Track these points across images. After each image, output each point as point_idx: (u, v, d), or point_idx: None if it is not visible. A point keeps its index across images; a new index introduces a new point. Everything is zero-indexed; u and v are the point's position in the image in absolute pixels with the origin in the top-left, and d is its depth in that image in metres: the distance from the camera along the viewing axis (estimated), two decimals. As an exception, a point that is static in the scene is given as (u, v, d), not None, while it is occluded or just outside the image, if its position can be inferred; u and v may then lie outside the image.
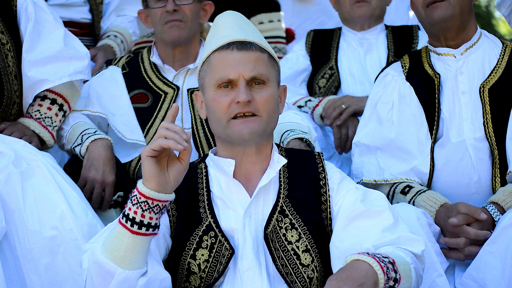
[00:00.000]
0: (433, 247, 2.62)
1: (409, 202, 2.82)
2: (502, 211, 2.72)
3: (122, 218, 2.14)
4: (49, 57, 3.01)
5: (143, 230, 2.13)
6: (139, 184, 2.13)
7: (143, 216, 2.12)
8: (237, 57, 2.34)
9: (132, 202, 2.13)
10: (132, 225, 2.12)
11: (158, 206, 2.13)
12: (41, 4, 3.06)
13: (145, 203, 2.12)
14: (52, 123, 3.03)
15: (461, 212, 2.70)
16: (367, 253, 2.17)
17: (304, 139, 2.86)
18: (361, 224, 2.32)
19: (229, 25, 2.42)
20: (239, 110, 2.31)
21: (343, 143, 3.50)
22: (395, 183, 2.91)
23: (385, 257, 2.15)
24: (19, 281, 2.60)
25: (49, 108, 3.04)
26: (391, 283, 2.12)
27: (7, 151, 2.69)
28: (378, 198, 2.40)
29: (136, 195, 2.13)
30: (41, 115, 3.02)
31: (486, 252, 2.60)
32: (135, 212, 2.12)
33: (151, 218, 2.13)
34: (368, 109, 3.05)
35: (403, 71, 3.01)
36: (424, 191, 2.81)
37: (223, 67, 2.34)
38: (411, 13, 4.66)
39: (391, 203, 2.89)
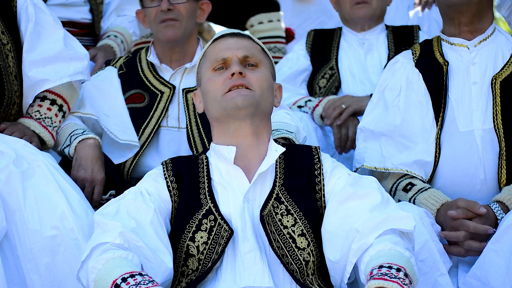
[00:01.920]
0: (436, 246, 2.62)
1: (409, 200, 2.82)
2: (506, 210, 2.71)
3: None
4: (49, 57, 3.01)
5: None
6: None
7: None
8: (231, 41, 2.51)
9: None
10: None
11: None
12: (41, 6, 3.06)
13: None
14: (52, 123, 3.03)
15: (460, 207, 2.70)
16: (385, 273, 2.09)
17: (288, 139, 2.86)
18: (349, 205, 2.35)
19: (225, 30, 2.58)
20: (232, 83, 2.42)
21: (343, 143, 3.50)
22: (399, 178, 2.91)
23: (399, 270, 2.11)
24: (19, 280, 2.59)
25: (49, 109, 3.04)
26: None
27: (8, 151, 2.69)
28: (369, 181, 2.43)
29: None
30: (41, 115, 3.02)
31: (490, 251, 2.59)
32: None
33: None
34: (376, 95, 3.05)
35: (413, 58, 3.01)
36: (426, 189, 2.81)
37: (217, 51, 2.50)
38: (411, 13, 4.68)
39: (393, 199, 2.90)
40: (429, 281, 2.57)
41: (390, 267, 2.11)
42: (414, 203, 2.80)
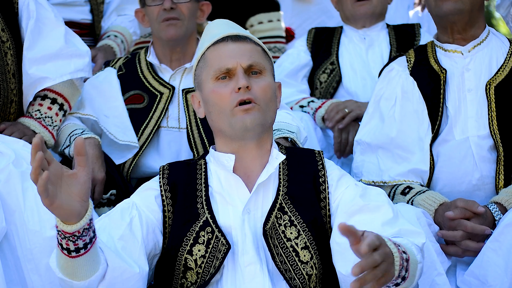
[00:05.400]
0: (433, 247, 2.62)
1: (407, 202, 2.81)
2: (504, 211, 2.71)
3: (59, 245, 2.11)
4: (50, 54, 3.01)
5: (81, 251, 2.11)
6: (59, 223, 2.06)
7: (76, 244, 2.09)
8: (233, 47, 2.39)
9: (60, 236, 2.09)
10: (69, 253, 2.10)
11: (86, 229, 2.09)
12: (42, 2, 3.06)
13: (73, 236, 2.08)
14: (52, 122, 3.03)
15: (459, 206, 2.70)
16: (394, 243, 2.12)
17: (289, 139, 2.86)
18: (360, 218, 2.31)
19: (221, 25, 2.47)
20: (240, 97, 2.33)
21: (343, 148, 3.50)
22: (396, 184, 2.91)
23: (404, 252, 2.12)
24: (19, 281, 2.60)
25: (50, 108, 3.04)
26: (398, 280, 2.11)
27: (7, 151, 2.70)
28: (377, 193, 2.40)
29: (60, 232, 2.07)
30: (41, 114, 3.02)
31: (489, 250, 2.59)
32: (67, 244, 2.09)
33: (84, 241, 2.10)
34: (372, 105, 3.04)
35: (408, 66, 3.00)
36: (424, 192, 2.81)
37: (220, 58, 2.38)
38: (411, 12, 4.68)
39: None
40: (426, 280, 2.56)
41: (398, 245, 2.11)
42: (412, 205, 2.79)
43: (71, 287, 2.17)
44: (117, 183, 3.01)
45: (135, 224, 2.32)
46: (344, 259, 2.26)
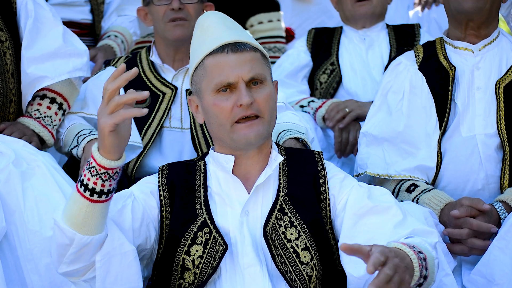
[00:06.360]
0: (440, 246, 2.59)
1: (413, 200, 2.81)
2: (509, 210, 2.72)
3: (80, 187, 2.12)
4: (48, 54, 3.00)
5: (103, 197, 2.12)
6: (97, 156, 2.09)
7: (103, 185, 2.11)
8: (233, 59, 2.32)
9: (91, 173, 2.10)
10: (91, 195, 2.11)
11: (117, 173, 2.13)
12: (40, 1, 3.06)
13: (106, 174, 2.10)
14: (51, 122, 3.03)
15: (465, 205, 2.70)
16: (408, 245, 2.12)
17: (300, 139, 2.85)
18: (371, 221, 2.31)
19: (218, 27, 2.40)
20: (242, 113, 2.29)
21: (343, 147, 3.50)
22: (401, 180, 2.90)
23: (420, 252, 2.12)
24: (19, 281, 2.59)
25: (49, 107, 3.04)
26: (421, 280, 2.11)
27: (7, 151, 2.70)
28: (383, 194, 2.39)
29: (95, 167, 2.10)
30: (40, 114, 3.01)
31: (496, 248, 2.59)
32: (95, 183, 2.10)
33: (110, 185, 2.12)
34: (379, 98, 3.03)
35: (416, 60, 2.99)
36: (429, 190, 2.81)
37: (220, 71, 2.32)
38: (411, 12, 4.68)
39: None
40: (433, 280, 2.57)
41: (413, 247, 2.11)
42: (417, 203, 2.80)
43: (70, 241, 2.13)
44: (123, 183, 2.99)
45: (126, 212, 2.30)
46: (356, 261, 2.22)
